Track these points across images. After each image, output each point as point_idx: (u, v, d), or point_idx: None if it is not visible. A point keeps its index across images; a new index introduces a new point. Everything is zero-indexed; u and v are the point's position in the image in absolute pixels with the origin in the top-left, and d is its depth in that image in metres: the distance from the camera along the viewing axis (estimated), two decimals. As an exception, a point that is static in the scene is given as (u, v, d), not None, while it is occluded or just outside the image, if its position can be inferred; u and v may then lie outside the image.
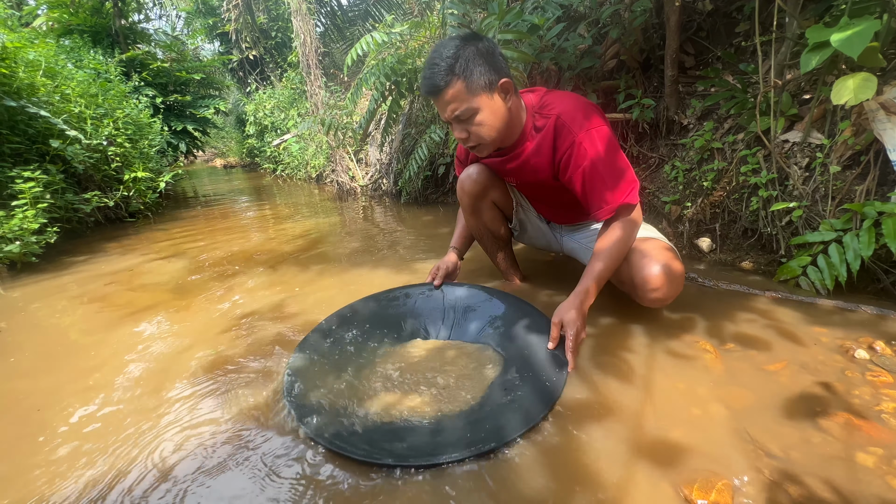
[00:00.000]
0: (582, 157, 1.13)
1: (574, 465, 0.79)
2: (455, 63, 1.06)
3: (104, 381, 1.17)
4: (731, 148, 1.76)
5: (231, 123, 11.64)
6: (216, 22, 9.96)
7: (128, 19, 5.65)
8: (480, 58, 1.07)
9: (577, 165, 1.14)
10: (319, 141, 5.87)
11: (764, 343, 1.15)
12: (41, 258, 2.31)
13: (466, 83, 1.07)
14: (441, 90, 1.09)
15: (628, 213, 1.16)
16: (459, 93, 1.08)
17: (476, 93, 1.08)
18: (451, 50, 1.07)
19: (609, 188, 1.13)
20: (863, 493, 0.70)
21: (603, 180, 1.13)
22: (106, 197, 3.23)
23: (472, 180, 1.42)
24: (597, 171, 1.12)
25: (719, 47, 2.01)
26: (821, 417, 0.87)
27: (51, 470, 0.86)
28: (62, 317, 1.64)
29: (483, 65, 1.07)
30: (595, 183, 1.14)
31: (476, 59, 1.07)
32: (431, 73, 1.09)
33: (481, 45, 1.09)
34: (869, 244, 1.26)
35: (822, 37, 1.21)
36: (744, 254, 1.72)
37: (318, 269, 2.03)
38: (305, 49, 4.88)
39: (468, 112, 1.10)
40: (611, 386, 1.01)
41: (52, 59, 3.13)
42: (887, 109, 1.31)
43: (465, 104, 1.09)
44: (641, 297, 1.19)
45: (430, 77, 1.09)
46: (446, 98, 1.09)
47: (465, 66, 1.06)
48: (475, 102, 1.09)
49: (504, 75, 1.11)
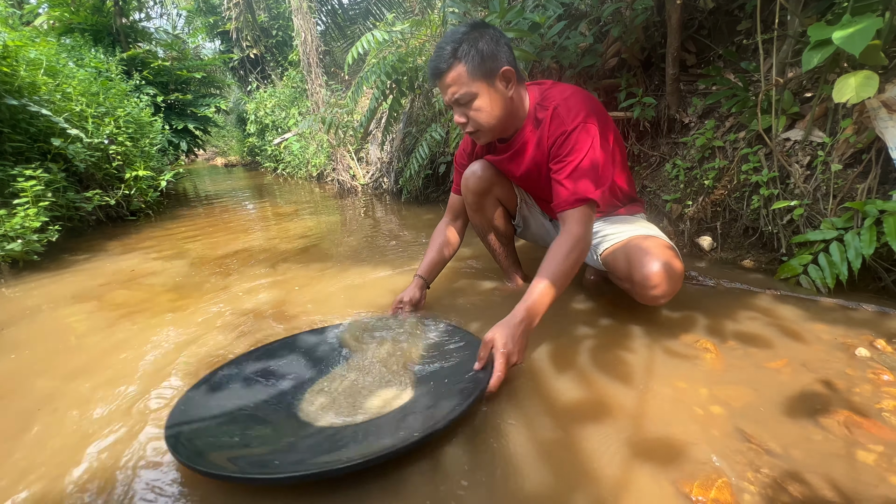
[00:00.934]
0: (571, 148, 1.13)
1: (574, 463, 0.80)
2: (459, 47, 1.09)
3: (102, 379, 1.17)
4: (732, 146, 1.76)
5: (232, 122, 11.66)
6: (217, 20, 9.97)
7: (129, 18, 5.66)
8: (485, 45, 1.10)
9: (563, 156, 1.15)
10: (320, 139, 5.87)
11: (765, 341, 1.15)
12: (43, 256, 2.32)
13: (468, 67, 1.09)
14: (443, 72, 1.12)
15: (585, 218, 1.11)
16: (460, 76, 1.10)
17: (476, 78, 1.10)
18: (458, 35, 1.11)
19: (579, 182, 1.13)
20: (863, 491, 0.70)
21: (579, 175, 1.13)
22: (107, 195, 3.24)
23: (477, 177, 1.42)
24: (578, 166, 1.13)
25: (721, 45, 2.01)
26: (821, 415, 0.87)
27: (43, 471, 0.86)
28: (63, 315, 1.65)
29: (486, 51, 1.10)
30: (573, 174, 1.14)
31: (480, 44, 1.09)
32: (436, 55, 1.13)
33: (488, 33, 1.11)
34: (870, 242, 1.26)
35: (823, 35, 1.20)
36: (745, 252, 1.72)
37: (318, 267, 2.03)
38: (306, 47, 4.88)
39: (467, 96, 1.12)
40: (611, 384, 1.01)
41: (53, 58, 3.13)
42: (889, 107, 1.31)
43: (464, 88, 1.11)
44: (641, 295, 1.19)
45: (434, 59, 1.13)
46: (447, 81, 1.12)
47: (468, 50, 1.09)
48: (474, 87, 1.11)
49: (506, 64, 1.13)
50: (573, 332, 1.26)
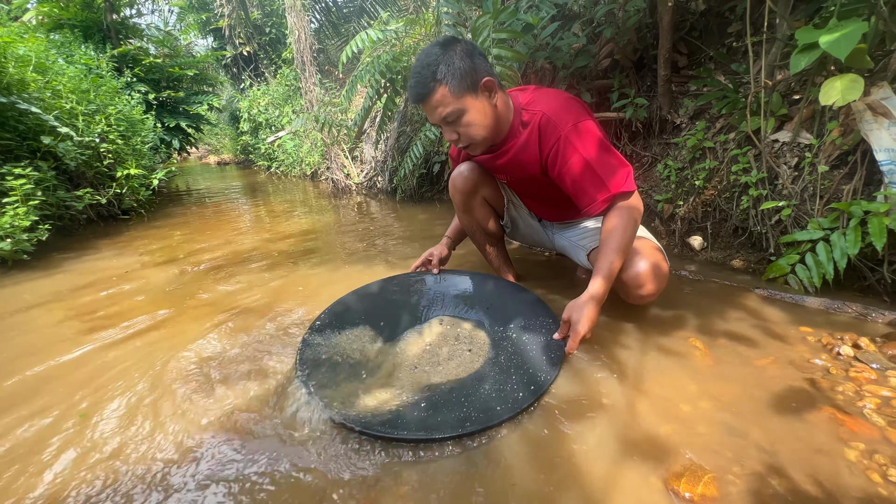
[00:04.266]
0: (569, 152, 1.14)
1: (564, 459, 0.81)
2: (436, 69, 1.09)
3: (93, 377, 1.17)
4: (722, 147, 1.78)
5: (225, 120, 11.57)
6: (209, 17, 9.87)
7: (119, 14, 5.58)
8: (461, 61, 1.10)
9: (564, 161, 1.16)
10: (314, 138, 5.85)
11: (752, 339, 1.17)
12: (33, 256, 2.29)
13: (450, 87, 1.10)
14: (426, 97, 1.12)
15: (625, 200, 1.14)
16: (444, 97, 1.11)
17: (461, 94, 1.11)
18: (432, 57, 1.10)
19: (598, 182, 1.13)
20: (844, 486, 0.72)
21: (591, 175, 1.13)
22: (98, 194, 3.20)
23: (464, 178, 1.43)
24: (585, 166, 1.13)
25: (712, 47, 2.03)
26: (806, 412, 0.89)
27: (30, 469, 0.86)
28: (52, 314, 1.64)
29: (464, 67, 1.10)
30: (584, 178, 1.14)
31: (456, 62, 1.10)
32: (416, 81, 1.13)
33: (460, 48, 1.11)
34: (855, 243, 1.29)
35: (811, 38, 1.22)
36: (734, 252, 1.75)
37: (312, 266, 2.03)
38: (300, 45, 4.85)
39: (455, 114, 1.13)
40: (602, 381, 1.03)
41: (42, 55, 3.09)
42: (874, 110, 1.33)
43: (450, 107, 1.12)
44: (629, 294, 1.22)
45: (415, 86, 1.13)
46: (432, 103, 1.13)
47: (446, 70, 1.09)
48: (461, 104, 1.12)
49: (486, 74, 1.13)
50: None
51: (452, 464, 0.82)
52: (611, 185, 1.12)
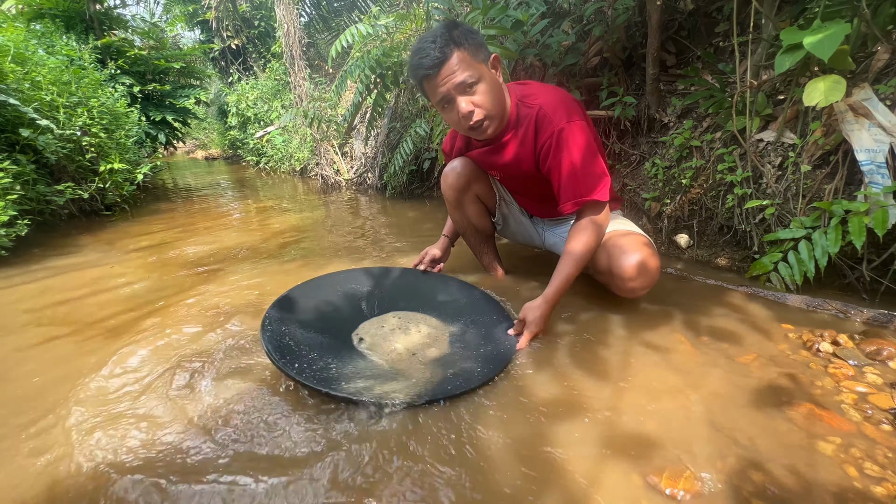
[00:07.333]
0: (560, 150, 1.15)
1: (546, 456, 0.81)
2: (452, 34, 1.08)
3: (68, 377, 1.14)
4: (708, 146, 1.80)
5: (213, 114, 11.37)
6: (196, 9, 9.69)
7: (103, 4, 5.44)
8: (471, 34, 1.11)
9: (554, 157, 1.17)
10: (304, 133, 5.79)
11: (735, 336, 1.19)
12: (11, 252, 2.23)
13: (469, 50, 1.09)
14: (444, 61, 1.08)
15: (596, 212, 1.18)
16: (464, 59, 1.08)
17: (479, 60, 1.11)
18: (441, 30, 1.10)
19: (578, 185, 1.16)
20: (820, 479, 0.74)
21: (573, 177, 1.16)
22: (80, 189, 3.13)
23: (456, 173, 1.43)
24: (570, 168, 1.15)
25: (699, 47, 2.05)
26: (786, 407, 0.90)
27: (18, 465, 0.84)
28: (30, 312, 1.60)
29: (477, 38, 1.12)
30: (567, 178, 1.16)
31: (468, 34, 1.11)
32: (428, 51, 1.08)
33: (464, 26, 1.13)
34: (836, 241, 1.31)
35: (795, 39, 1.24)
36: (720, 250, 1.77)
37: (301, 264, 2.01)
38: (289, 39, 4.79)
39: (473, 77, 1.09)
40: (586, 376, 1.03)
41: (21, 45, 3.00)
42: (855, 111, 1.36)
43: (469, 70, 1.09)
44: (618, 287, 1.23)
45: (427, 55, 1.08)
46: (452, 65, 1.08)
47: (462, 37, 1.09)
48: (479, 70, 1.11)
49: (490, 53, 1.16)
50: (552, 325, 1.27)
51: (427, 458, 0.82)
52: (587, 192, 1.16)
